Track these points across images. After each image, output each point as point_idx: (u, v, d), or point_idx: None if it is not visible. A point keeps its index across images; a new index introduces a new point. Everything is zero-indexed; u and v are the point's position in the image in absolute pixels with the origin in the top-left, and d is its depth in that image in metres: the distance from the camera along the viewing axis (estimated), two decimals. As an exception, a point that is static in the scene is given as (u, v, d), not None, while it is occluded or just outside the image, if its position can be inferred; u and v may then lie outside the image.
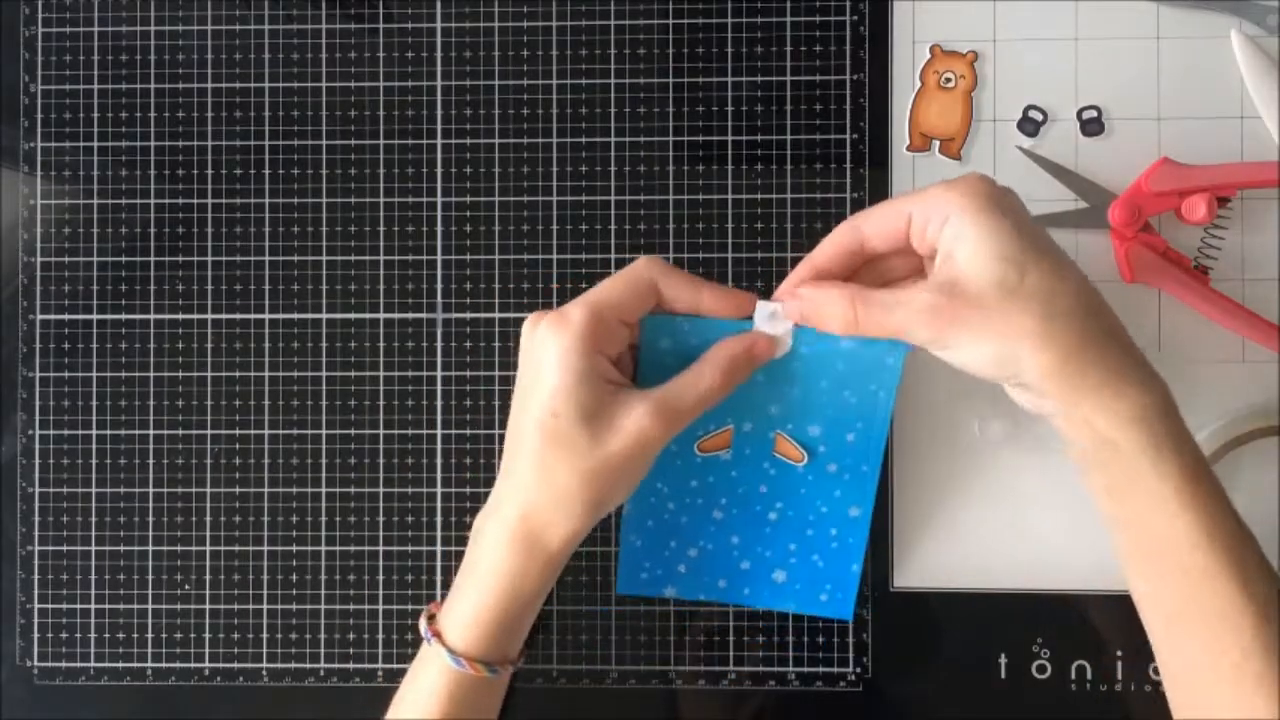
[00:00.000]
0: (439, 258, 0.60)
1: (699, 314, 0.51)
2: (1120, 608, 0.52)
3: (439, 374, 0.60)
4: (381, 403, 0.61)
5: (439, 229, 0.61)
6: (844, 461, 0.55)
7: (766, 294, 0.53)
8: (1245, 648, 0.45)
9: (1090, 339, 0.46)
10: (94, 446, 0.61)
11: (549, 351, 0.49)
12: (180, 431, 0.61)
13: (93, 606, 0.61)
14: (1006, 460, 0.58)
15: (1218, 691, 0.46)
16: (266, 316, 0.61)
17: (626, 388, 0.50)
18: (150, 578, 0.61)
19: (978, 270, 0.46)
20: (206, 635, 0.61)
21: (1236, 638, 0.45)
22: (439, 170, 0.61)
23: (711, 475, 0.56)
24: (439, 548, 0.60)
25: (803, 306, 0.50)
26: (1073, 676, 0.58)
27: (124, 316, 0.61)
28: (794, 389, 0.54)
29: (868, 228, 0.50)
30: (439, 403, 0.60)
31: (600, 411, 0.49)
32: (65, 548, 0.61)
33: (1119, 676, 0.57)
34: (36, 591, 0.61)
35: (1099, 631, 0.57)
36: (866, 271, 0.52)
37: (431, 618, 0.52)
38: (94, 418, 0.61)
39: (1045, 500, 0.58)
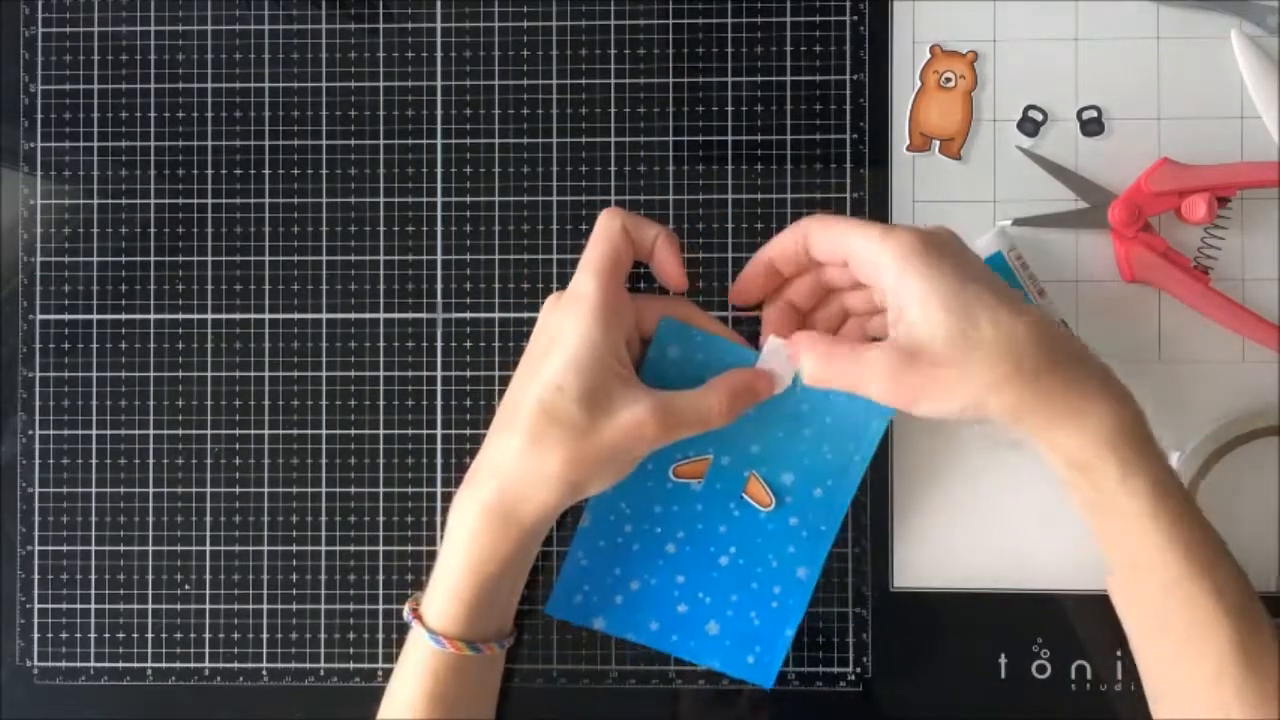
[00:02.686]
0: (439, 258, 0.60)
1: (651, 259, 0.54)
2: (1120, 608, 0.52)
3: (439, 374, 0.60)
4: (381, 403, 0.61)
5: (439, 229, 0.61)
6: (806, 517, 0.56)
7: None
8: (1222, 657, 0.46)
9: (1049, 371, 0.47)
10: (94, 446, 0.61)
11: (568, 323, 0.51)
12: (180, 431, 0.61)
13: (93, 606, 0.61)
14: (1007, 461, 0.58)
15: (1197, 701, 0.46)
16: (266, 316, 0.61)
17: (633, 380, 0.51)
18: (150, 578, 0.61)
19: (930, 329, 0.47)
20: (206, 635, 0.61)
21: (1213, 648, 0.46)
22: (439, 170, 0.61)
23: (676, 504, 0.57)
24: (438, 548, 0.60)
25: (788, 364, 0.53)
26: (1073, 676, 0.58)
27: (124, 316, 0.61)
28: (778, 432, 0.55)
29: (815, 245, 0.52)
30: (439, 403, 0.60)
31: (603, 396, 0.49)
32: (65, 548, 0.61)
33: (1119, 676, 0.57)
34: (36, 591, 0.61)
35: (1099, 631, 0.57)
36: (830, 303, 0.55)
37: (418, 603, 0.53)
38: (94, 418, 0.61)
39: (1045, 500, 0.58)
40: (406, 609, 0.53)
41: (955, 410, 0.48)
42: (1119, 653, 0.57)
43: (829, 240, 0.51)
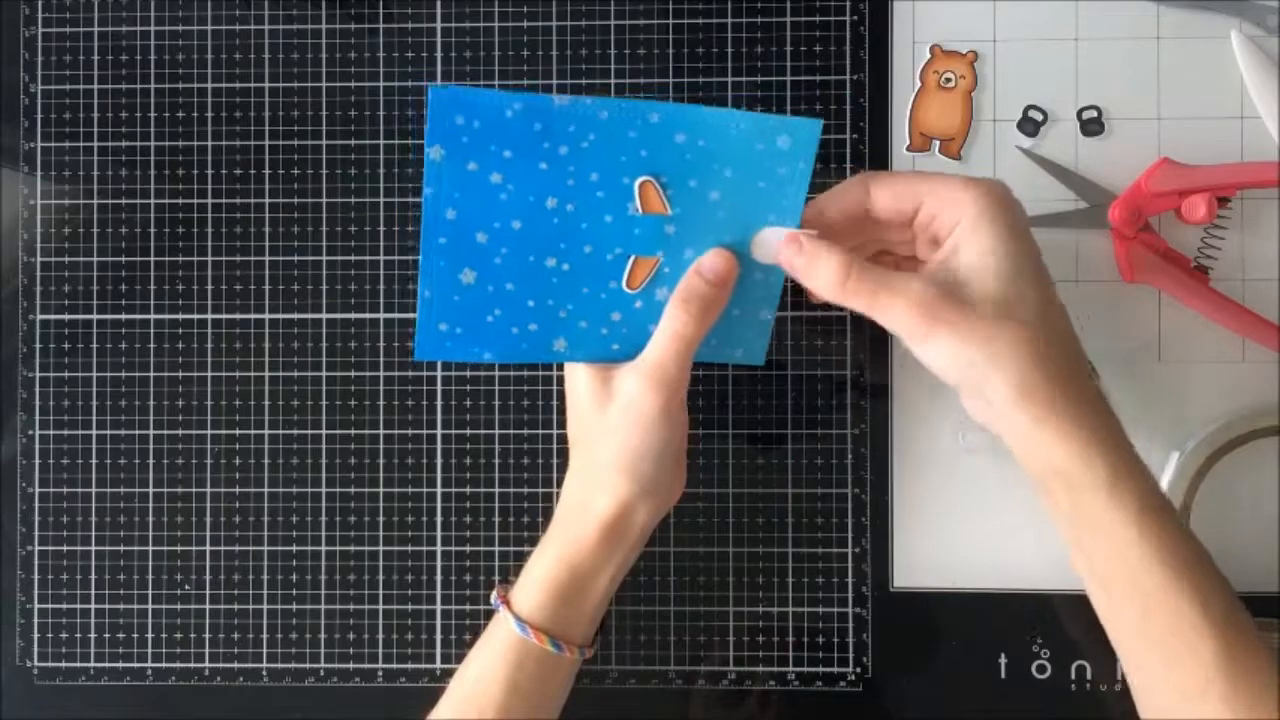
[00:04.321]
0: (439, 258, 0.60)
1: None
2: (1120, 608, 0.52)
3: (439, 373, 0.60)
4: (381, 403, 0.61)
5: (439, 229, 0.60)
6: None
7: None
8: (1206, 667, 0.45)
9: (1061, 367, 0.46)
10: (94, 446, 0.61)
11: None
12: (180, 431, 0.61)
13: (93, 606, 0.61)
14: (1006, 460, 0.58)
15: (1182, 708, 0.46)
16: (266, 316, 0.61)
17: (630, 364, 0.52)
18: (150, 578, 0.61)
19: (980, 280, 0.46)
20: (206, 635, 0.61)
21: (1197, 658, 0.45)
22: (439, 170, 0.61)
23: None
24: (439, 548, 0.60)
25: (797, 255, 0.49)
26: (1073, 676, 0.58)
27: (124, 316, 0.61)
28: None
29: (877, 199, 0.49)
30: (439, 403, 0.60)
31: (608, 385, 0.51)
32: (65, 548, 0.61)
33: (1119, 676, 0.58)
34: (36, 591, 0.61)
35: (1099, 631, 0.57)
36: (867, 230, 0.51)
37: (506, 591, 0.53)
38: (94, 418, 0.61)
39: (1045, 500, 0.58)
40: (494, 595, 0.53)
41: (962, 362, 0.46)
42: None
43: (894, 197, 0.49)
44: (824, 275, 0.48)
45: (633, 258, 0.51)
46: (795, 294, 0.58)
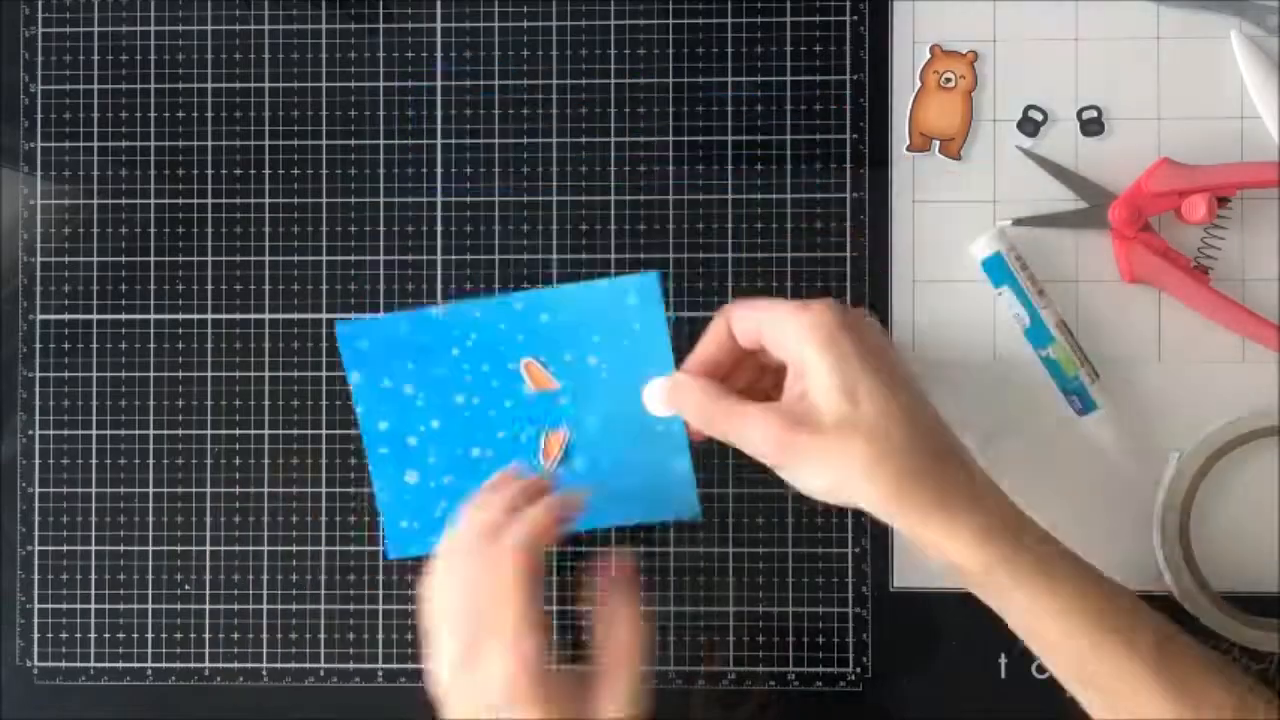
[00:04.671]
0: (439, 257, 0.60)
1: None
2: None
3: (439, 374, 0.60)
4: (381, 403, 0.61)
5: (439, 229, 0.61)
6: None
7: (765, 292, 0.55)
8: (1155, 705, 0.45)
9: (920, 465, 0.47)
10: (94, 446, 0.61)
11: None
12: (180, 431, 0.61)
13: (93, 606, 0.61)
14: (1003, 460, 0.58)
15: None
16: (266, 316, 0.61)
17: None
18: (150, 578, 0.61)
19: (819, 402, 0.47)
20: (206, 635, 0.61)
21: (1144, 697, 0.46)
22: (439, 170, 0.61)
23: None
24: (439, 548, 0.60)
25: (672, 394, 0.53)
26: (1073, 676, 0.58)
27: (124, 316, 0.61)
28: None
29: (735, 324, 0.51)
30: (439, 403, 0.60)
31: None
32: (65, 548, 0.61)
33: (1119, 676, 0.57)
34: (36, 591, 0.61)
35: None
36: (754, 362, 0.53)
37: None
38: (94, 418, 0.61)
39: (1044, 500, 0.58)
40: None
41: (823, 485, 0.48)
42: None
43: (746, 320, 0.51)
44: (691, 411, 0.51)
45: (543, 435, 0.57)
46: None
